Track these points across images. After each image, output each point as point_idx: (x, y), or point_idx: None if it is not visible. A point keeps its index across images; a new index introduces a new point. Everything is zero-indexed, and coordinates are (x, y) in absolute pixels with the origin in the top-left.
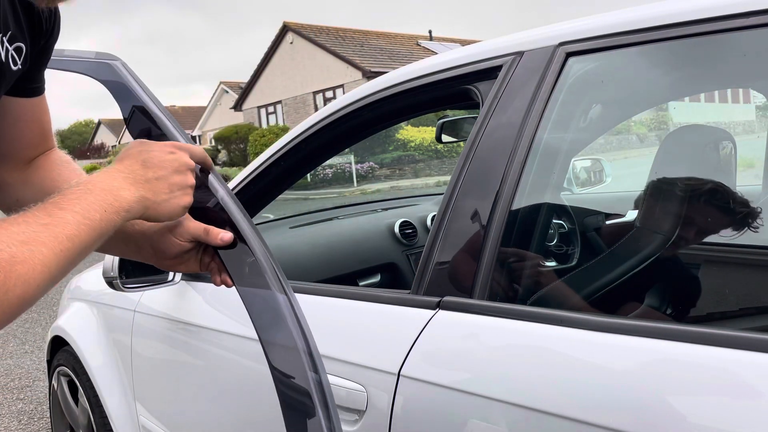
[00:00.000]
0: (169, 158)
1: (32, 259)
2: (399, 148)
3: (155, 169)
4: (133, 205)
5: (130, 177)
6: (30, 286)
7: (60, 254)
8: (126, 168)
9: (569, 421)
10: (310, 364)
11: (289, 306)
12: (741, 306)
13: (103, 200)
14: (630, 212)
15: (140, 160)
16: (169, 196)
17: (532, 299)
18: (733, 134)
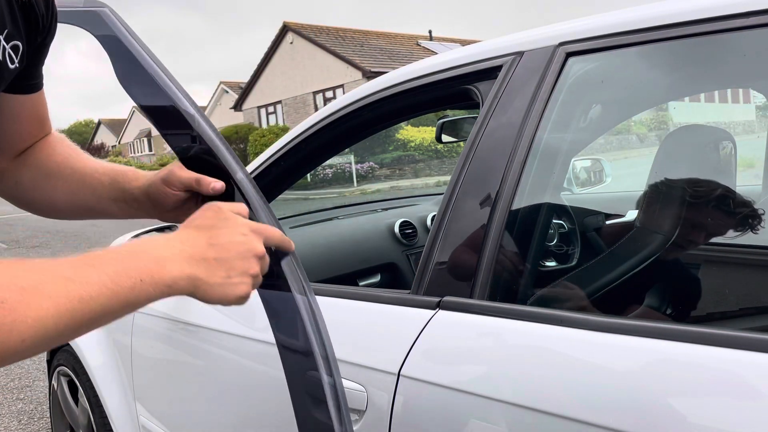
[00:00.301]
0: (237, 240)
1: (25, 309)
2: (399, 148)
3: (219, 250)
4: (177, 282)
5: (187, 251)
6: (11, 338)
7: (65, 314)
8: (189, 239)
9: (569, 421)
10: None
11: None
12: (741, 306)
13: (143, 268)
14: (630, 212)
15: (207, 235)
16: (224, 281)
17: (532, 299)
18: (733, 134)
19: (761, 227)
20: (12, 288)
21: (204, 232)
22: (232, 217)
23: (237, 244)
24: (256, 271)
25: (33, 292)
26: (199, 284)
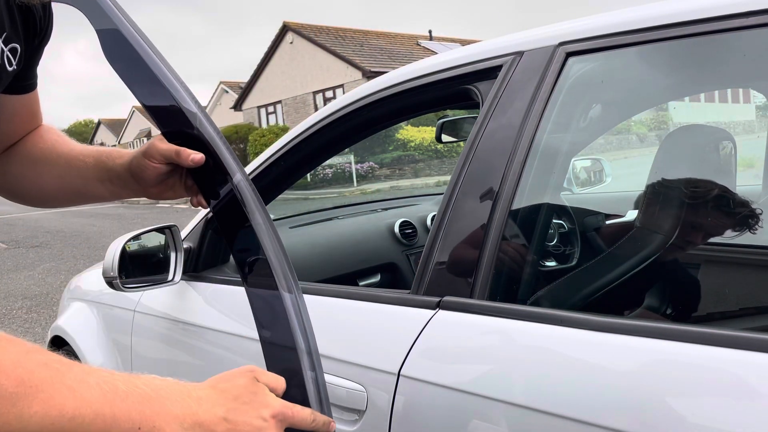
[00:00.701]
0: (255, 424)
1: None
2: (399, 148)
3: (231, 427)
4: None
5: (200, 416)
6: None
7: (49, 427)
8: (206, 402)
9: (569, 421)
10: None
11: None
12: (741, 306)
13: (147, 415)
14: (630, 212)
15: (227, 407)
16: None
17: (531, 299)
18: (733, 134)
19: (761, 227)
20: (11, 375)
21: (225, 402)
22: (261, 393)
23: (252, 428)
24: None
25: (30, 389)
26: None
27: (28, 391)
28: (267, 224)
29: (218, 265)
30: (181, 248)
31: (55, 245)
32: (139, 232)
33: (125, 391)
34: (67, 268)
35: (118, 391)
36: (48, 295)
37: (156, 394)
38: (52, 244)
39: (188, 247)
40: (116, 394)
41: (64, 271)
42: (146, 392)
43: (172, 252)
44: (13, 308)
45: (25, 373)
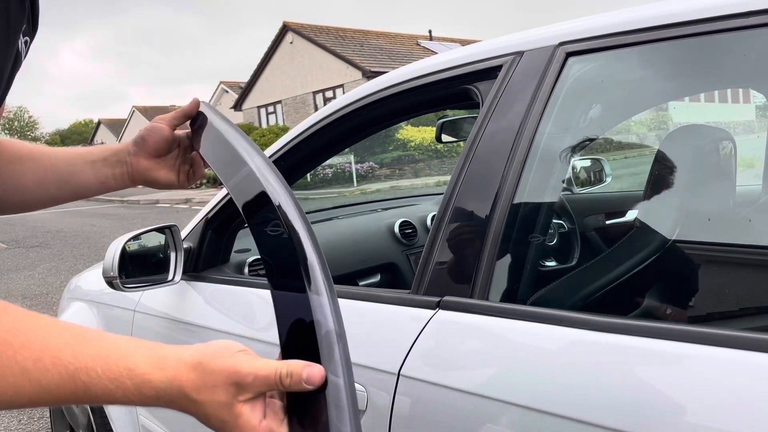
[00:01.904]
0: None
1: None
2: (399, 148)
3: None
4: (160, 391)
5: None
6: None
7: (4, 398)
8: (175, 389)
9: (569, 421)
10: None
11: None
12: (741, 306)
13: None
14: (630, 212)
15: (194, 410)
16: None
17: (531, 299)
18: (733, 134)
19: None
20: None
21: (193, 412)
22: (231, 423)
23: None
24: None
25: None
26: (185, 408)
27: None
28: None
29: (218, 265)
30: (181, 248)
31: (55, 245)
32: (139, 231)
33: (86, 384)
34: (67, 268)
35: (78, 382)
36: (48, 295)
37: (121, 393)
38: (52, 244)
39: (188, 247)
40: (76, 384)
41: (64, 271)
42: (109, 388)
43: (172, 252)
44: None
45: None
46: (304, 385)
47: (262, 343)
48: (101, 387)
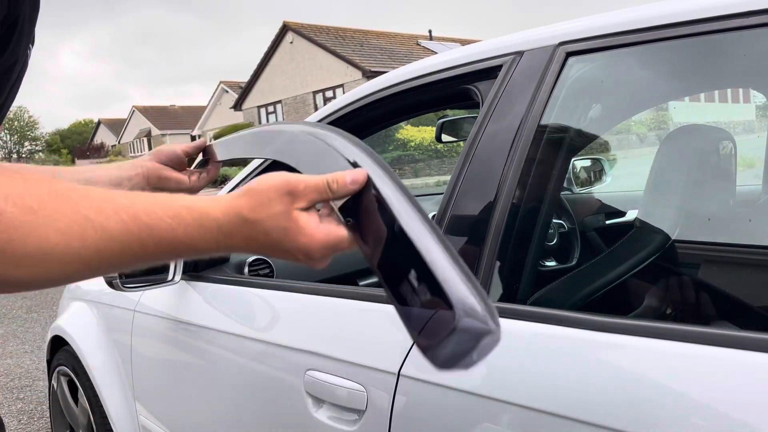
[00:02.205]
0: (288, 260)
1: (27, 232)
2: (399, 148)
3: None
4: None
5: (227, 249)
6: (4, 259)
7: (74, 258)
8: (238, 238)
9: (569, 421)
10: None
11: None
12: (741, 306)
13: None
14: (630, 212)
15: (258, 245)
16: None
17: (532, 299)
18: (733, 134)
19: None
20: (18, 203)
21: (255, 238)
22: (293, 231)
23: (288, 258)
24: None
25: (44, 218)
26: (252, 248)
27: (41, 221)
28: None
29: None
30: None
31: None
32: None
33: (148, 224)
34: None
35: (141, 223)
36: (48, 295)
37: (183, 229)
38: None
39: None
40: (139, 227)
41: None
42: (172, 227)
43: None
44: (13, 308)
45: (35, 202)
46: (350, 187)
47: (263, 343)
48: (164, 226)
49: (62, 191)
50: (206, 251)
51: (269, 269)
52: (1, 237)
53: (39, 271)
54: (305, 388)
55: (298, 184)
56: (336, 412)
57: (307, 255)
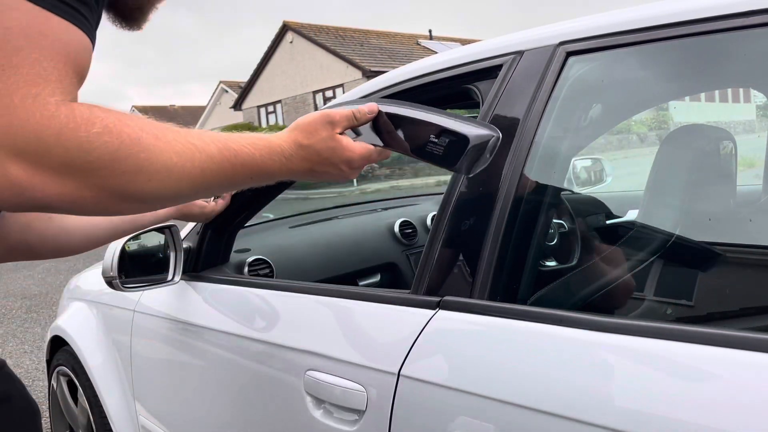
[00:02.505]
0: (334, 173)
1: (157, 154)
2: None
3: (318, 174)
4: (287, 150)
5: (290, 169)
6: (139, 176)
7: (186, 176)
8: (297, 158)
9: (569, 421)
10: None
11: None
12: (741, 306)
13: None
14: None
15: (312, 162)
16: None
17: (532, 299)
18: (734, 134)
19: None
20: (148, 132)
21: (310, 157)
22: (338, 148)
23: (332, 177)
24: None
25: (165, 143)
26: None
27: (164, 146)
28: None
29: (218, 265)
30: (181, 248)
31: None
32: (139, 231)
33: (235, 150)
34: (66, 267)
35: (230, 149)
36: (47, 295)
37: (259, 153)
38: None
39: (188, 246)
40: (229, 151)
41: (64, 271)
42: (251, 152)
43: (172, 252)
44: (12, 308)
45: (159, 132)
46: (368, 115)
47: (263, 343)
48: (246, 151)
49: (171, 126)
50: (274, 173)
51: (269, 269)
52: (141, 156)
53: (162, 186)
54: (305, 388)
55: (335, 115)
56: (336, 412)
57: (350, 164)
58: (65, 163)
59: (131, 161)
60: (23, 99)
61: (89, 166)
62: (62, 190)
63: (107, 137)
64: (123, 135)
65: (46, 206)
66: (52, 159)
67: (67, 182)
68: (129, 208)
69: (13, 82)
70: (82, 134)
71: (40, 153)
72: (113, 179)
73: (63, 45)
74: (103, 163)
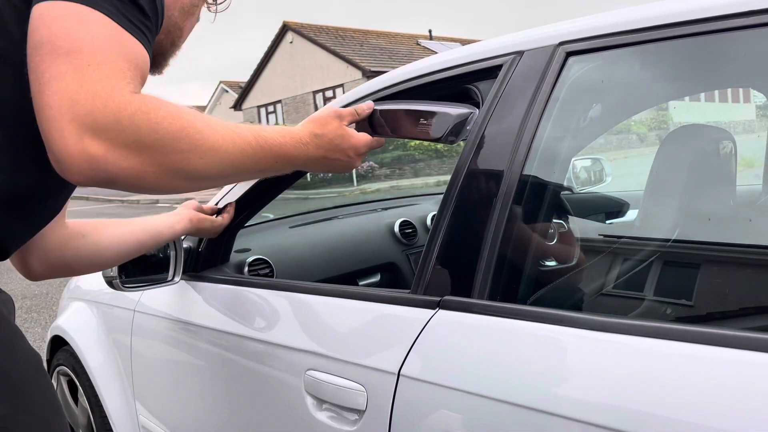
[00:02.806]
0: (345, 160)
1: (208, 138)
2: (399, 148)
3: (330, 161)
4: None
5: (308, 155)
6: (193, 154)
7: (228, 156)
8: (313, 146)
9: (569, 421)
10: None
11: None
12: (741, 306)
13: (288, 136)
14: (630, 212)
15: (326, 149)
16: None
17: (532, 299)
18: (733, 134)
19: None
20: (199, 118)
21: (324, 145)
22: (347, 136)
23: (343, 163)
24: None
25: (212, 128)
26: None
27: (211, 130)
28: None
29: (218, 265)
30: (181, 248)
31: None
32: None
33: (266, 138)
34: None
35: (261, 137)
36: (48, 295)
37: (284, 140)
38: None
39: (188, 246)
40: (262, 138)
41: None
42: (278, 139)
43: (172, 252)
44: None
45: (207, 119)
46: (366, 111)
47: (263, 343)
48: (275, 139)
49: (210, 116)
50: (294, 159)
51: (269, 269)
52: (196, 136)
53: (210, 164)
54: (305, 388)
55: (341, 111)
56: (336, 412)
57: (356, 150)
58: (136, 141)
59: (188, 140)
60: (104, 87)
61: (155, 143)
62: (131, 164)
63: (171, 120)
64: (182, 119)
65: (113, 180)
66: (126, 137)
67: (135, 158)
68: (180, 186)
69: (97, 75)
70: (152, 117)
71: (116, 131)
72: (173, 155)
73: (134, 54)
74: (167, 141)
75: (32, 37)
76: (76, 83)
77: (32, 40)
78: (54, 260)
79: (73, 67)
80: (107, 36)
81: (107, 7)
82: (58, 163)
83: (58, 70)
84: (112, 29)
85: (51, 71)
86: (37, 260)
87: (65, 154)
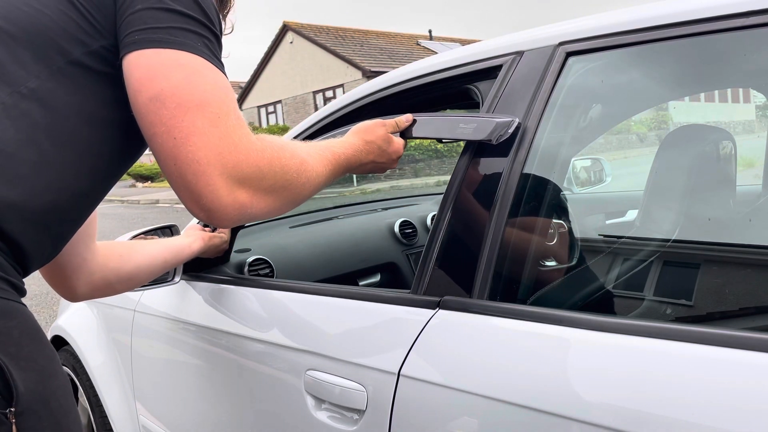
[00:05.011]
0: (389, 163)
1: (309, 164)
2: None
3: (378, 164)
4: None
5: (363, 161)
6: (299, 178)
7: (319, 175)
8: (365, 151)
9: (569, 421)
10: None
11: None
12: (741, 306)
13: (357, 146)
14: (630, 212)
15: (375, 154)
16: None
17: (532, 299)
18: (734, 134)
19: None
20: (301, 149)
21: (374, 150)
22: (391, 142)
23: (387, 165)
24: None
25: (310, 156)
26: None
27: (309, 157)
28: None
29: (218, 265)
30: None
31: None
32: (140, 231)
33: (336, 152)
34: None
35: (333, 152)
36: (48, 295)
37: (348, 152)
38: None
39: None
40: (335, 154)
41: None
42: (346, 152)
43: None
44: None
45: (302, 146)
46: (405, 123)
47: (263, 343)
48: (343, 152)
49: (297, 141)
50: (354, 165)
51: (269, 269)
52: (308, 168)
53: (313, 188)
54: (305, 388)
55: (385, 121)
56: (336, 412)
57: (397, 153)
58: (273, 185)
59: (306, 174)
60: (240, 138)
61: (287, 183)
62: (269, 203)
63: (293, 159)
64: (298, 156)
65: (251, 219)
66: (266, 182)
67: (272, 198)
68: (288, 210)
69: (229, 126)
70: (283, 160)
71: (258, 179)
72: (296, 189)
73: (232, 92)
74: (293, 178)
75: (147, 86)
76: (216, 137)
77: (149, 90)
78: (98, 281)
79: (209, 122)
80: (218, 83)
81: (206, 53)
82: (209, 212)
83: (194, 124)
84: (217, 75)
85: (185, 125)
86: (85, 283)
87: (218, 204)
